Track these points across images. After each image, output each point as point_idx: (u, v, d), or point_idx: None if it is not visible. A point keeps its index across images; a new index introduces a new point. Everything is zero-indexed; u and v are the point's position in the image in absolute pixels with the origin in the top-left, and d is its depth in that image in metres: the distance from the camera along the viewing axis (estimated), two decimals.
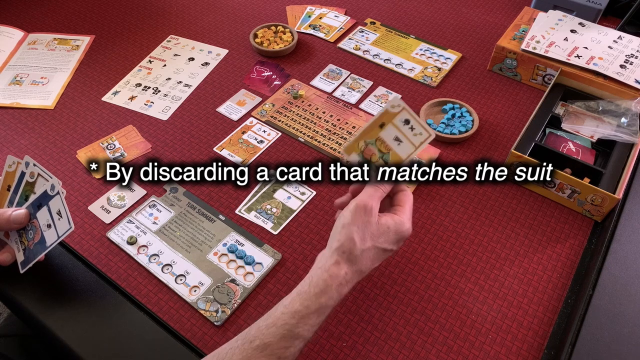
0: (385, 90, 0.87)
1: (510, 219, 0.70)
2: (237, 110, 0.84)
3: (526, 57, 0.85)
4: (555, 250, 0.66)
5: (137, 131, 0.80)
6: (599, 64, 0.81)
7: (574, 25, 0.90)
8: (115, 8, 1.04)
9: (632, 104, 0.76)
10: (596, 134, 0.76)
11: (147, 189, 0.72)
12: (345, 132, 0.80)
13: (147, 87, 0.88)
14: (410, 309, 0.60)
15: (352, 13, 1.04)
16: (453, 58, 0.93)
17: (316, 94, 0.86)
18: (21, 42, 0.95)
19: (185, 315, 0.59)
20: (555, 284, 0.63)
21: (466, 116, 0.81)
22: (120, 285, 0.61)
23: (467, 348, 0.57)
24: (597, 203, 0.67)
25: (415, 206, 0.71)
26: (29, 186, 0.57)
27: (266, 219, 0.69)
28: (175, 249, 0.65)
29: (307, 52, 0.95)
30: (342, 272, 0.49)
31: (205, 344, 0.57)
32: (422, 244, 0.67)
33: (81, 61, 0.92)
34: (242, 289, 0.61)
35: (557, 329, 0.59)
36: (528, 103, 0.86)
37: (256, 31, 0.96)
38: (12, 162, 0.58)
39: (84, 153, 0.76)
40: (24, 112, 0.83)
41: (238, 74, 0.90)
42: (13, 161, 0.58)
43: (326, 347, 0.57)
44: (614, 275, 0.59)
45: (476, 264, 0.65)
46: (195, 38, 0.97)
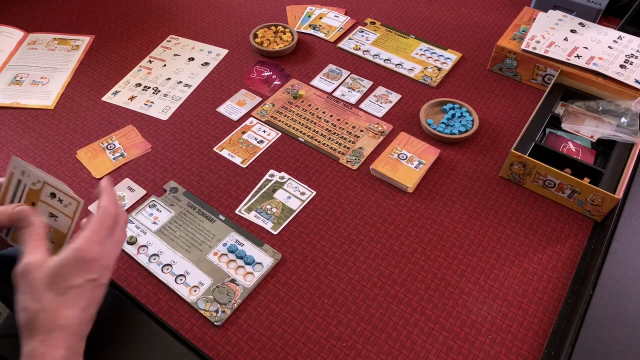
0: (385, 90, 0.87)
1: (510, 219, 0.70)
2: (237, 110, 0.84)
3: (526, 57, 0.85)
4: (555, 250, 0.66)
5: (137, 131, 0.80)
6: (599, 64, 0.81)
7: (574, 25, 0.90)
8: (115, 8, 1.04)
9: (632, 104, 0.76)
10: (596, 134, 0.76)
11: (147, 189, 0.72)
12: (345, 132, 0.80)
13: (147, 87, 0.88)
14: (410, 309, 0.60)
15: (352, 13, 1.04)
16: (453, 58, 0.93)
17: (316, 94, 0.86)
18: (21, 42, 0.95)
19: (185, 315, 0.59)
20: (555, 284, 0.63)
21: (466, 116, 0.81)
22: (120, 285, 0.61)
23: (467, 348, 0.57)
24: (597, 203, 0.67)
25: (415, 206, 0.71)
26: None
27: (266, 219, 0.69)
28: (175, 249, 0.65)
29: (307, 52, 0.95)
30: (41, 349, 0.41)
31: (205, 344, 0.57)
32: (422, 244, 0.67)
33: (81, 61, 0.92)
34: (242, 289, 0.61)
35: (557, 329, 0.59)
36: (528, 103, 0.86)
37: (256, 31, 0.96)
38: (38, 180, 0.51)
39: (84, 153, 0.76)
40: (24, 112, 0.83)
41: (238, 74, 0.90)
42: (39, 180, 0.51)
43: (326, 347, 0.57)
44: (614, 275, 0.59)
45: (476, 264, 0.65)
46: (195, 38, 0.97)
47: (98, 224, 0.48)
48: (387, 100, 0.85)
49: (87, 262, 0.46)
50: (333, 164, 0.76)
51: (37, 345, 0.42)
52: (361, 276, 0.63)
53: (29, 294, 0.43)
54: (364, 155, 0.77)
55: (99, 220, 0.48)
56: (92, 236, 0.47)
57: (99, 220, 0.48)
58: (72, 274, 0.45)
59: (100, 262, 0.47)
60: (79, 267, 0.45)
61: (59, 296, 0.44)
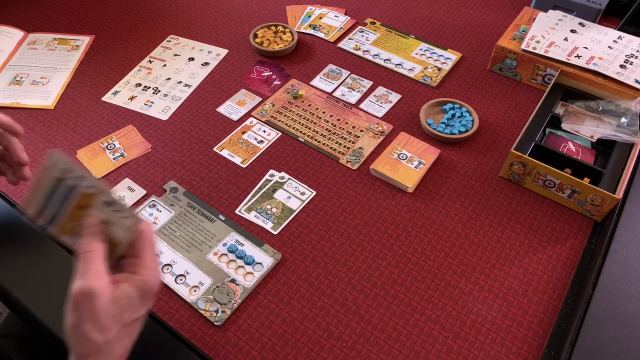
0: (385, 90, 0.87)
1: (510, 219, 0.70)
2: (237, 110, 0.84)
3: (526, 57, 0.85)
4: (555, 250, 0.66)
5: (137, 131, 0.80)
6: (599, 64, 0.81)
7: (574, 25, 0.90)
8: (115, 8, 1.04)
9: (632, 104, 0.76)
10: (596, 134, 0.76)
11: (147, 189, 0.72)
12: (345, 132, 0.80)
13: (147, 87, 0.88)
14: (410, 309, 0.60)
15: (352, 13, 1.04)
16: (453, 58, 0.93)
17: (316, 94, 0.86)
18: (21, 42, 0.95)
19: (185, 315, 0.59)
20: (555, 284, 0.63)
21: (466, 116, 0.81)
22: None
23: (467, 348, 0.57)
24: (597, 203, 0.67)
25: (415, 206, 0.71)
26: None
27: (266, 219, 0.69)
28: (175, 249, 0.65)
29: (307, 52, 0.95)
30: None
31: (205, 344, 0.57)
32: (422, 244, 0.67)
33: (81, 61, 0.92)
34: (242, 289, 0.61)
35: (557, 329, 0.59)
36: (528, 103, 0.86)
37: (256, 31, 0.96)
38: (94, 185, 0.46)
39: (84, 153, 0.76)
40: (24, 112, 0.83)
41: (238, 74, 0.90)
42: (95, 185, 0.46)
43: (326, 347, 0.57)
44: (614, 275, 0.59)
45: (476, 264, 0.65)
46: (195, 38, 0.97)
47: (152, 250, 0.45)
48: (387, 100, 0.85)
49: (151, 294, 0.44)
50: (333, 164, 0.76)
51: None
52: (361, 276, 0.63)
53: (94, 324, 0.41)
54: (364, 155, 0.77)
55: (152, 244, 0.46)
56: (154, 265, 0.45)
57: (152, 245, 0.46)
58: (138, 307, 0.44)
59: (156, 292, 0.45)
60: (145, 300, 0.44)
61: (124, 328, 0.43)
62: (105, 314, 0.41)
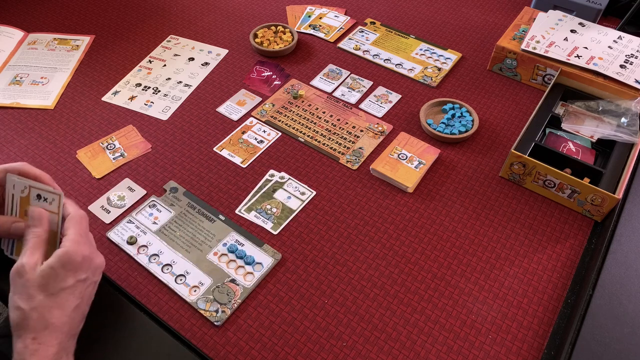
0: (385, 90, 0.87)
1: (510, 219, 0.70)
2: (237, 110, 0.84)
3: (526, 57, 0.85)
4: (555, 250, 0.66)
5: (137, 131, 0.80)
6: (599, 64, 0.81)
7: (574, 25, 0.90)
8: (115, 8, 1.04)
9: (632, 104, 0.76)
10: (596, 134, 0.76)
11: (147, 189, 0.72)
12: (345, 132, 0.80)
13: (147, 87, 0.88)
14: (410, 309, 0.60)
15: (352, 13, 1.04)
16: (453, 58, 0.93)
17: (316, 94, 0.86)
18: (21, 42, 0.95)
19: (185, 315, 0.59)
20: (555, 284, 0.63)
21: (466, 116, 0.81)
22: (120, 285, 0.61)
23: (467, 348, 0.57)
24: (597, 203, 0.67)
25: (415, 206, 0.71)
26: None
27: (266, 219, 0.69)
28: (175, 249, 0.65)
29: (307, 52, 0.95)
30: (33, 347, 0.44)
31: (205, 344, 0.57)
32: (422, 244, 0.67)
33: (81, 61, 0.92)
34: (242, 289, 0.61)
35: (557, 329, 0.59)
36: (528, 103, 0.86)
37: (256, 31, 0.96)
38: (24, 187, 0.53)
39: (84, 153, 0.76)
40: (24, 112, 0.83)
41: (238, 74, 0.90)
42: (25, 186, 0.53)
43: (326, 347, 0.57)
44: (614, 275, 0.59)
45: (476, 264, 0.65)
46: (195, 38, 0.97)
47: (79, 226, 0.51)
48: (387, 100, 0.85)
49: (76, 264, 0.48)
50: (333, 164, 0.76)
51: (29, 342, 0.44)
52: (361, 276, 0.63)
53: (22, 295, 0.45)
54: (364, 155, 0.77)
55: (78, 222, 0.51)
56: (77, 238, 0.49)
57: (79, 223, 0.51)
58: (63, 276, 0.47)
59: (88, 262, 0.50)
60: (70, 269, 0.47)
61: (50, 297, 0.46)
62: (30, 284, 0.45)
